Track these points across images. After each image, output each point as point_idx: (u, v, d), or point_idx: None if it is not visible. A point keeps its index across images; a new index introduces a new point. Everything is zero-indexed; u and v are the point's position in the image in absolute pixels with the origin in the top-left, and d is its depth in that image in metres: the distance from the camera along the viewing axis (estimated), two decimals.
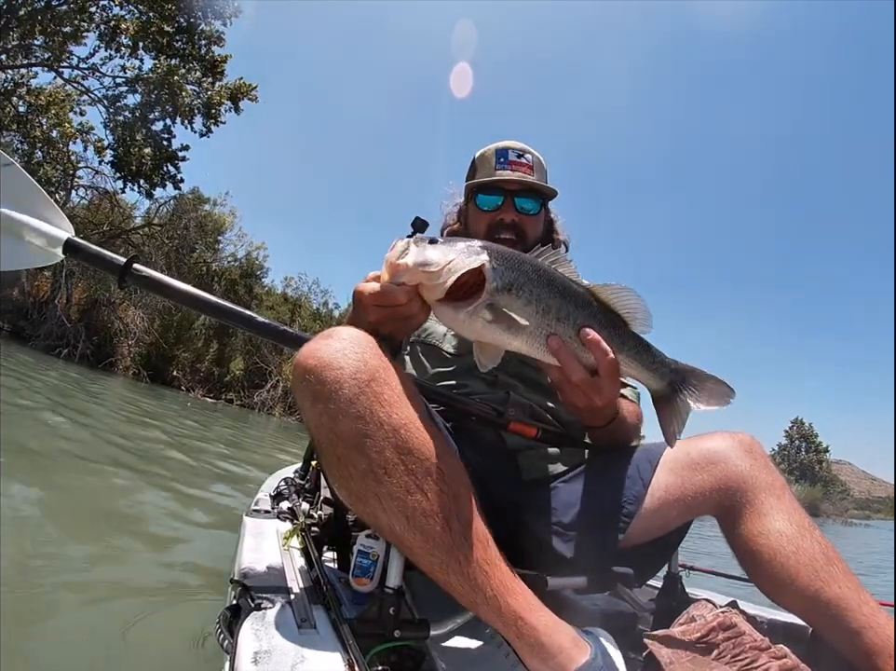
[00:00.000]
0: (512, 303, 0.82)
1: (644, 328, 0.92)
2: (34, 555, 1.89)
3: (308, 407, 0.74)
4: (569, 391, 0.92)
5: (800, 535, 0.91)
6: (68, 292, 13.99)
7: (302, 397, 0.76)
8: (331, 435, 0.73)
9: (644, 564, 1.03)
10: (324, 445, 0.75)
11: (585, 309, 0.86)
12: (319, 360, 0.74)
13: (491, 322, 0.82)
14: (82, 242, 1.04)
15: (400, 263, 0.79)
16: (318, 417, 0.73)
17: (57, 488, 2.79)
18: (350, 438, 0.72)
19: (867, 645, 0.83)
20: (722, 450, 1.01)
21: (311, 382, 0.73)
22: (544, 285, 0.84)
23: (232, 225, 19.51)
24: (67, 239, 1.03)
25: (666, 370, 0.92)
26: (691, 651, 0.82)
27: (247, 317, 1.04)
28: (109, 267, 1.02)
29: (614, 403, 0.99)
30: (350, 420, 0.71)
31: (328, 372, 0.73)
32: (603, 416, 1.00)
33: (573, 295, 0.86)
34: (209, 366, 17.78)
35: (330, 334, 0.78)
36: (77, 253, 1.03)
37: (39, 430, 4.11)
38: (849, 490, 44.21)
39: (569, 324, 0.85)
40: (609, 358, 0.86)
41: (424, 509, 0.72)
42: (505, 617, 0.73)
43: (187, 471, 4.17)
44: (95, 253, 1.04)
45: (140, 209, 17.46)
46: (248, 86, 14.34)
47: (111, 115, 14.13)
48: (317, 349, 0.76)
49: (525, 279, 0.83)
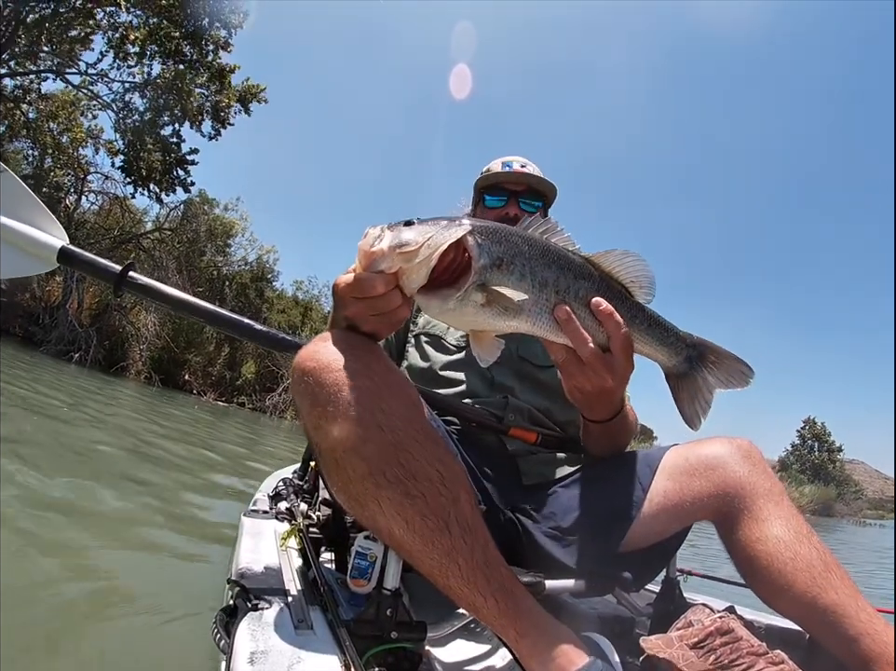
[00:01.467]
0: (505, 279, 0.74)
1: (646, 297, 0.85)
2: (36, 554, 1.91)
3: (307, 410, 0.74)
4: (578, 373, 0.85)
5: (798, 541, 0.90)
6: (79, 296, 14.08)
7: (301, 399, 0.75)
8: (329, 438, 0.72)
9: (642, 568, 1.02)
10: (323, 448, 0.74)
11: (587, 280, 0.79)
12: (318, 362, 0.74)
13: (484, 306, 0.74)
14: (76, 250, 1.04)
15: (374, 249, 0.71)
16: (316, 420, 0.73)
17: (71, 489, 2.81)
18: (349, 442, 0.71)
19: (864, 652, 0.82)
20: (720, 456, 1.00)
21: (310, 384, 0.73)
22: (538, 256, 0.76)
23: (243, 229, 19.69)
24: (61, 247, 1.03)
25: (682, 345, 0.86)
26: (688, 656, 0.81)
27: (246, 325, 1.05)
28: (104, 275, 1.02)
29: (623, 389, 0.91)
30: (349, 424, 0.71)
31: (327, 374, 0.72)
32: (611, 404, 0.95)
33: (572, 266, 0.79)
34: (220, 370, 17.86)
35: (328, 336, 0.78)
36: (72, 261, 1.04)
37: (56, 428, 4.15)
38: (863, 490, 43.64)
39: (572, 297, 0.78)
40: (623, 331, 0.80)
41: (423, 513, 0.71)
42: (504, 619, 0.73)
43: (197, 470, 4.20)
44: (89, 261, 1.04)
45: (150, 213, 17.62)
46: (257, 87, 14.41)
47: (120, 119, 14.27)
48: (315, 351, 0.75)
49: (516, 251, 0.75)
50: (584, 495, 1.07)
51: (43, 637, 1.42)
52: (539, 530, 1.03)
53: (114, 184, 15.65)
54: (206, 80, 13.89)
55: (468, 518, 0.75)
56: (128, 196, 15.61)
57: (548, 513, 1.06)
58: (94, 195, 16.05)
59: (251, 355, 18.49)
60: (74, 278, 13.68)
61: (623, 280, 0.83)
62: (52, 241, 1.05)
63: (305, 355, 0.76)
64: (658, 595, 1.16)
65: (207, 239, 18.10)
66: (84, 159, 15.03)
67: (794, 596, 0.88)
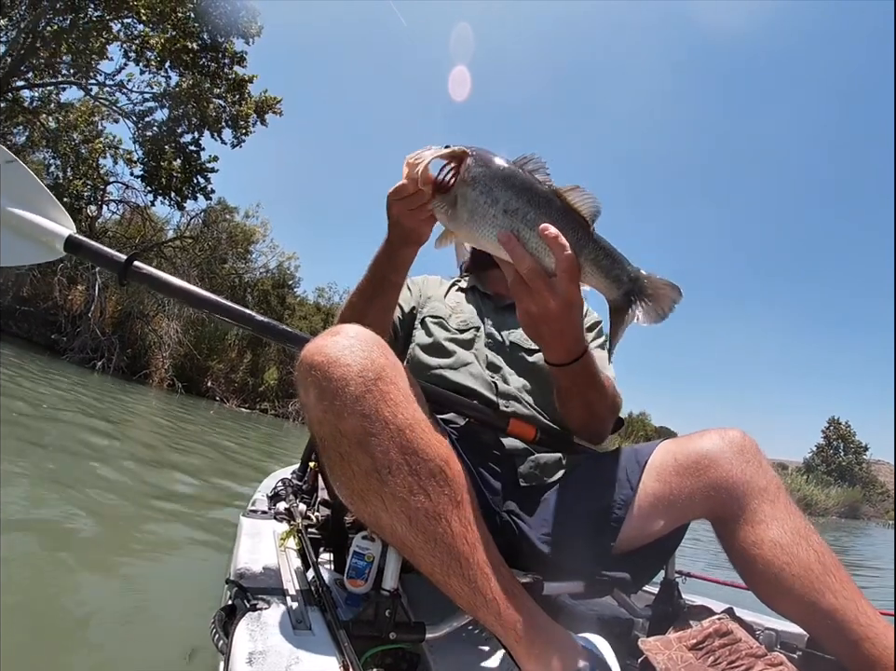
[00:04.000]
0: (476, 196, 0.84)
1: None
2: (36, 554, 1.94)
3: (313, 403, 0.74)
4: (524, 294, 0.86)
5: (795, 543, 0.88)
6: (102, 305, 14.27)
7: (306, 393, 0.75)
8: (335, 432, 0.72)
9: (640, 569, 1.01)
10: (327, 443, 0.74)
11: (544, 208, 0.84)
12: (325, 356, 0.74)
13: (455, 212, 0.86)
14: (83, 239, 1.05)
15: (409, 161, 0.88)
16: (322, 414, 0.73)
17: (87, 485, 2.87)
18: (355, 436, 0.71)
19: (865, 655, 0.81)
20: (711, 453, 0.96)
21: (317, 378, 0.73)
22: (510, 186, 0.84)
23: (263, 236, 19.95)
24: (69, 235, 1.05)
25: (625, 278, 0.86)
26: (687, 658, 0.81)
27: (247, 315, 1.05)
28: (110, 264, 1.03)
29: (571, 322, 0.89)
30: (355, 418, 0.71)
31: (335, 368, 0.72)
32: (562, 339, 0.92)
33: (534, 194, 0.84)
34: (243, 377, 18.08)
35: (337, 330, 0.78)
36: (78, 249, 1.04)
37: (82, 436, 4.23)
38: (889, 491, 42.57)
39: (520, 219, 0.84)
40: (567, 254, 0.81)
41: (427, 510, 0.72)
42: (504, 620, 0.72)
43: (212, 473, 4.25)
44: (96, 249, 1.05)
45: (171, 222, 17.92)
46: (272, 99, 14.57)
47: (139, 129, 14.50)
48: (324, 345, 0.75)
49: (492, 175, 0.84)
50: (575, 496, 1.06)
51: (41, 638, 1.43)
52: (535, 534, 1.02)
53: (134, 193, 15.95)
54: (224, 91, 14.08)
55: (471, 518, 0.75)
56: (149, 204, 15.90)
57: (543, 515, 1.05)
58: (115, 204, 16.37)
59: (274, 361, 18.70)
60: (97, 286, 13.94)
61: (584, 212, 0.86)
62: (60, 230, 1.06)
63: (314, 349, 0.76)
64: (657, 596, 1.15)
65: (228, 246, 18.34)
66: (103, 169, 15.33)
67: (793, 600, 0.86)
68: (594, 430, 1.14)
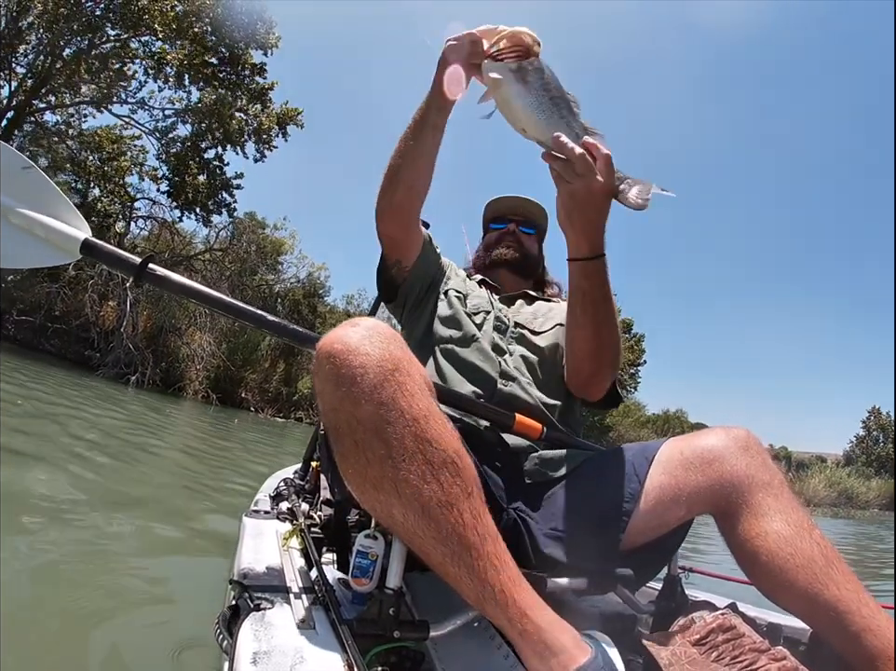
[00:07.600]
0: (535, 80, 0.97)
1: None
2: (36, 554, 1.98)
3: (330, 390, 0.75)
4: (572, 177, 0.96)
5: (798, 536, 0.88)
6: (134, 320, 14.53)
7: (324, 380, 0.77)
8: (351, 419, 0.73)
9: (643, 565, 1.01)
10: (342, 430, 0.75)
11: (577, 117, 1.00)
12: (345, 345, 0.75)
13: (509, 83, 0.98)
14: (98, 242, 1.08)
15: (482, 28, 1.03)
16: (339, 401, 0.74)
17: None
18: (371, 423, 0.72)
19: (867, 648, 0.80)
20: (717, 448, 0.98)
21: (336, 366, 0.74)
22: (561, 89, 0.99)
23: (292, 248, 20.32)
24: (84, 238, 1.08)
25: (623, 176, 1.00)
26: (690, 653, 0.81)
27: (258, 315, 1.08)
28: (125, 266, 1.06)
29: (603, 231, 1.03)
30: (373, 406, 0.72)
31: (354, 357, 0.74)
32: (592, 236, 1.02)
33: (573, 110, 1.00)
34: (276, 386, 18.39)
35: (356, 322, 0.80)
36: (94, 252, 1.08)
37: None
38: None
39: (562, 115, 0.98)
40: (606, 151, 0.95)
41: (439, 499, 0.72)
42: (511, 614, 0.72)
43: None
44: (111, 252, 1.08)
45: (199, 235, 18.27)
46: (294, 111, 14.76)
47: (163, 146, 14.79)
48: (344, 334, 0.77)
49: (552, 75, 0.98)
50: (583, 492, 1.06)
51: (44, 638, 1.45)
52: (540, 531, 1.02)
53: (161, 209, 16.31)
54: (246, 103, 14.27)
55: (480, 510, 0.76)
56: (176, 220, 16.24)
57: (548, 512, 1.06)
58: (143, 220, 16.75)
59: (307, 370, 18.84)
60: (128, 302, 14.23)
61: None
62: (76, 233, 1.09)
63: (333, 338, 0.77)
64: (660, 592, 1.14)
65: (258, 258, 18.66)
66: (129, 187, 15.66)
67: (796, 593, 0.86)
68: (597, 364, 1.17)
